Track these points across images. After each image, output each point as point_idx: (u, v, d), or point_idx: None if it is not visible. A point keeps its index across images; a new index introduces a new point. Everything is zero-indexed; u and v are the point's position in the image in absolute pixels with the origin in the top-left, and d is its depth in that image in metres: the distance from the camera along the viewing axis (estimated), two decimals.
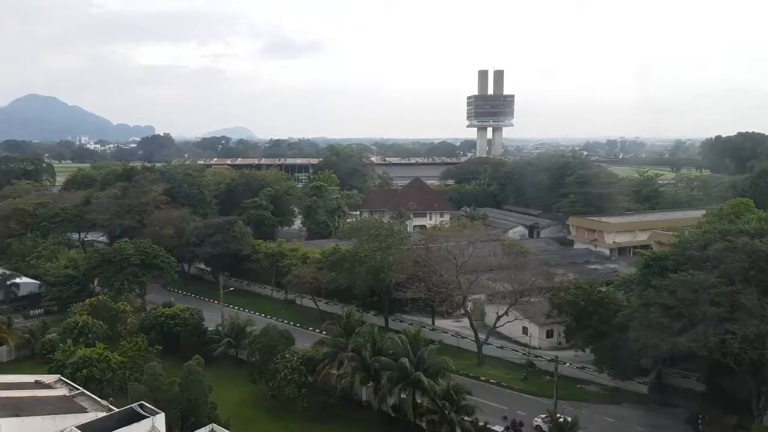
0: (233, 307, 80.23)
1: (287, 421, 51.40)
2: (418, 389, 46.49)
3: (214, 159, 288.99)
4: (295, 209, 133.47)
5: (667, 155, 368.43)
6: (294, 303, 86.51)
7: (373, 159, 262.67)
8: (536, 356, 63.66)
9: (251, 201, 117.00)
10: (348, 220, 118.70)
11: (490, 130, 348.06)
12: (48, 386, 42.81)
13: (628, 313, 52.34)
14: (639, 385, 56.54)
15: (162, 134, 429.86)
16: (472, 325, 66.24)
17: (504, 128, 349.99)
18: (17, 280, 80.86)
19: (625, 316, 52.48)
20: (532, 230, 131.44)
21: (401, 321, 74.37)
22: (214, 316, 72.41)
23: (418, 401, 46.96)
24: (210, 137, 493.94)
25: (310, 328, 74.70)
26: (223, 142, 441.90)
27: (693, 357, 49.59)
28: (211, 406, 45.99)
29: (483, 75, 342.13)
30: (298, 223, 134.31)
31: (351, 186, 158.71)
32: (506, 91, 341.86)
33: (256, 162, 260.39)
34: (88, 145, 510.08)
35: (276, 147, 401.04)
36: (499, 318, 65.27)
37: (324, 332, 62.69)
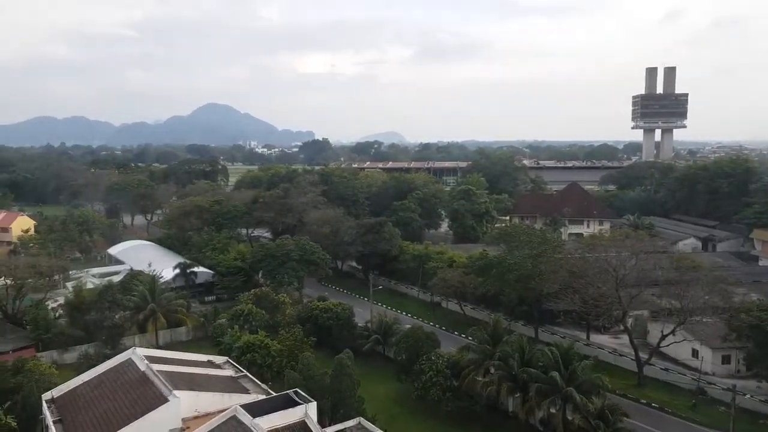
0: (381, 305, 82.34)
1: (431, 422, 51.34)
2: (569, 405, 44.08)
3: (367, 162, 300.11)
4: (443, 212, 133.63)
5: None
6: (439, 306, 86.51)
7: (525, 162, 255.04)
8: (708, 383, 56.85)
9: (400, 203, 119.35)
10: (496, 225, 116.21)
11: (658, 131, 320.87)
12: (218, 366, 46.92)
13: None
14: None
15: (321, 139, 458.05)
16: (632, 342, 61.07)
17: (675, 130, 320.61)
18: (195, 269, 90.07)
19: None
20: (707, 243, 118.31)
21: (552, 333, 70.96)
22: (363, 313, 74.93)
23: (569, 418, 44.40)
24: (364, 141, 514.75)
25: (456, 333, 74.13)
26: (375, 146, 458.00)
27: None
28: (359, 399, 47.25)
29: (651, 72, 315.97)
30: (445, 226, 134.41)
31: (500, 190, 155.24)
32: (678, 90, 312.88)
33: (406, 165, 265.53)
34: (256, 149, 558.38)
35: (425, 150, 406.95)
36: (664, 337, 59.43)
37: (470, 338, 61.79)
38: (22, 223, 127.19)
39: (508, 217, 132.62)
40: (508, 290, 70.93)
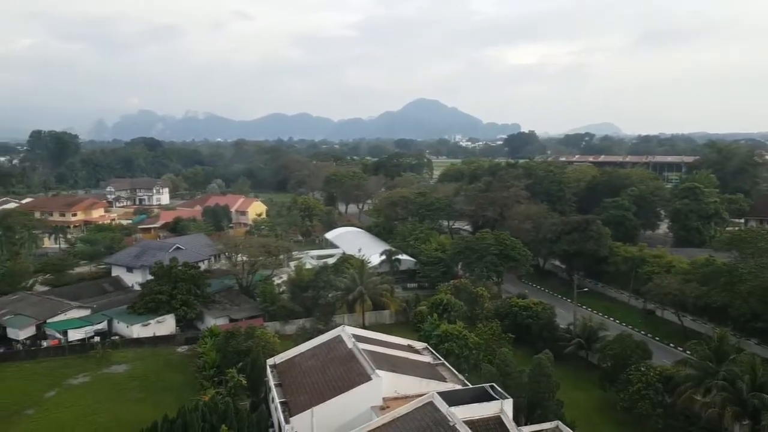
0: (586, 308, 78.04)
1: None
2: None
3: (576, 156, 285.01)
4: (662, 212, 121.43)
5: None
6: (653, 314, 79.03)
7: None
8: None
9: (612, 200, 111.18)
10: (728, 229, 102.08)
11: None
12: (417, 351, 48.93)
13: None
14: None
15: (527, 132, 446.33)
16: None
17: None
18: (400, 257, 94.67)
19: None
20: None
21: None
22: (564, 314, 71.83)
23: None
24: (573, 134, 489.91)
25: (671, 345, 67.36)
26: (586, 138, 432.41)
27: None
28: (558, 403, 45.51)
29: None
30: (663, 227, 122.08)
31: (735, 189, 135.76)
32: None
33: (621, 159, 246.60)
34: (460, 143, 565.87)
35: (644, 143, 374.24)
36: None
37: (688, 352, 55.63)
38: (256, 208, 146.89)
39: (742, 220, 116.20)
40: (738, 303, 62.04)
